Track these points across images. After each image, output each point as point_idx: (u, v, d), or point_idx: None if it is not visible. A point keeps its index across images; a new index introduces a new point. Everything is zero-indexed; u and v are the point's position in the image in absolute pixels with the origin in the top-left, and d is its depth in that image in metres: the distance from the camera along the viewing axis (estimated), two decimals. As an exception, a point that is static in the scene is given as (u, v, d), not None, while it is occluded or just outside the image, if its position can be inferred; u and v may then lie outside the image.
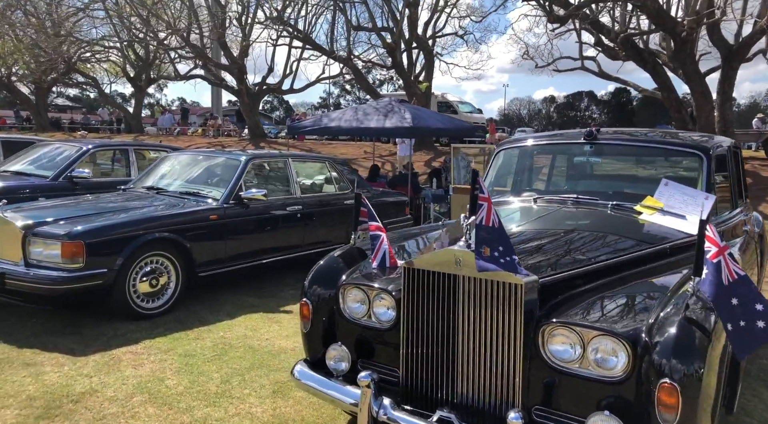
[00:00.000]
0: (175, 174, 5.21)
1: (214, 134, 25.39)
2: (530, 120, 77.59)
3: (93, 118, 35.64)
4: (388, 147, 19.35)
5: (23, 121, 33.48)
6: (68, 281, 3.60)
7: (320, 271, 2.44)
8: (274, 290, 4.95)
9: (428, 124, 9.00)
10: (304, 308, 2.35)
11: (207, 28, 21.86)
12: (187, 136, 25.82)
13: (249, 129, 23.63)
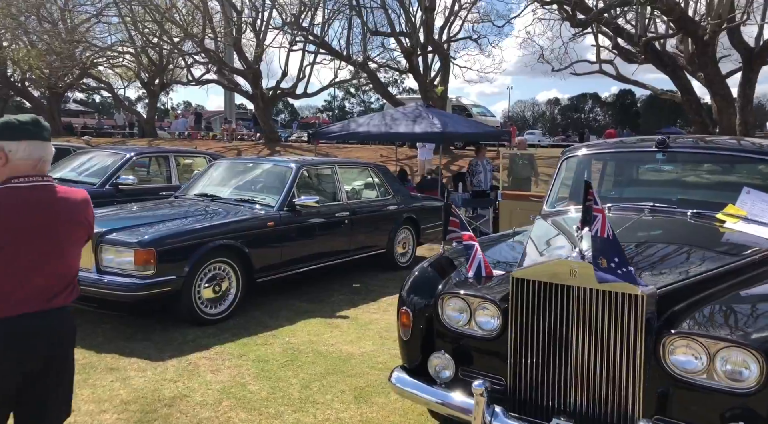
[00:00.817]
0: (225, 181, 5.30)
1: (228, 139, 25.61)
2: (534, 122, 77.51)
3: (106, 123, 35.90)
4: (404, 150, 19.43)
5: (37, 125, 33.87)
6: (141, 288, 3.69)
7: (416, 281, 2.50)
8: (324, 295, 5.03)
9: (457, 129, 9.07)
10: (403, 317, 2.42)
11: (221, 32, 22.14)
12: (201, 140, 26.07)
13: (264, 134, 23.80)
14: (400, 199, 6.11)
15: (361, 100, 77.59)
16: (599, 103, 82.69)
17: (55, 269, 1.74)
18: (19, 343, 1.66)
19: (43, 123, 1.81)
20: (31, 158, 1.71)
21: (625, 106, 78.14)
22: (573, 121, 78.42)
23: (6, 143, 1.69)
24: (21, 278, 1.67)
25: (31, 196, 1.70)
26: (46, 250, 1.71)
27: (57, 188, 1.78)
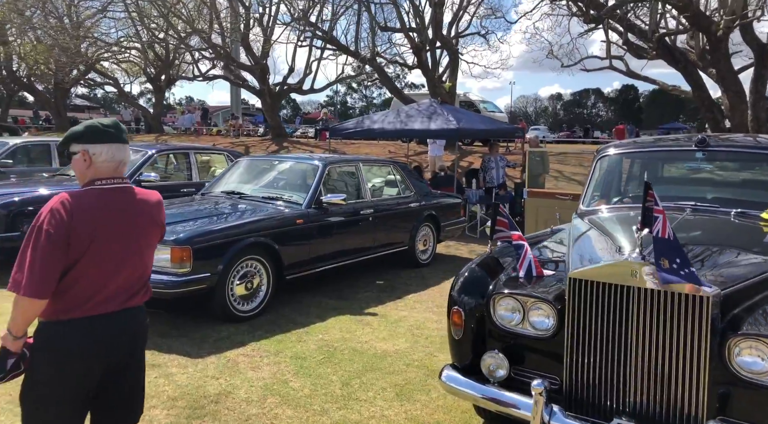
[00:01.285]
0: (250, 179, 5.32)
1: (235, 134, 25.60)
2: (537, 118, 77.25)
3: (112, 118, 35.90)
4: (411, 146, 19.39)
5: (43, 121, 33.83)
6: (177, 285, 3.72)
7: (467, 281, 2.52)
8: (350, 292, 5.05)
9: (473, 125, 9.07)
10: (455, 317, 2.44)
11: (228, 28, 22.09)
12: (209, 136, 26.07)
13: (271, 129, 23.79)
14: (421, 196, 6.13)
15: (363, 96, 77.47)
16: (602, 99, 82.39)
17: (134, 269, 1.77)
18: (100, 343, 1.69)
19: (123, 126, 1.83)
20: (113, 161, 1.74)
21: (627, 102, 77.86)
22: (575, 116, 78.16)
23: (90, 146, 1.72)
24: (104, 279, 1.69)
25: (114, 198, 1.72)
26: (127, 251, 1.73)
27: (136, 190, 1.81)
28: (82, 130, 1.74)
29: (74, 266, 1.63)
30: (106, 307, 1.70)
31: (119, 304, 1.73)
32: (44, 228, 1.59)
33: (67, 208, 1.62)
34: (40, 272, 1.57)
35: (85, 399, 1.70)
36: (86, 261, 1.64)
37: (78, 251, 1.62)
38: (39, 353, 1.65)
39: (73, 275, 1.63)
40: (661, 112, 72.93)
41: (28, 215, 5.27)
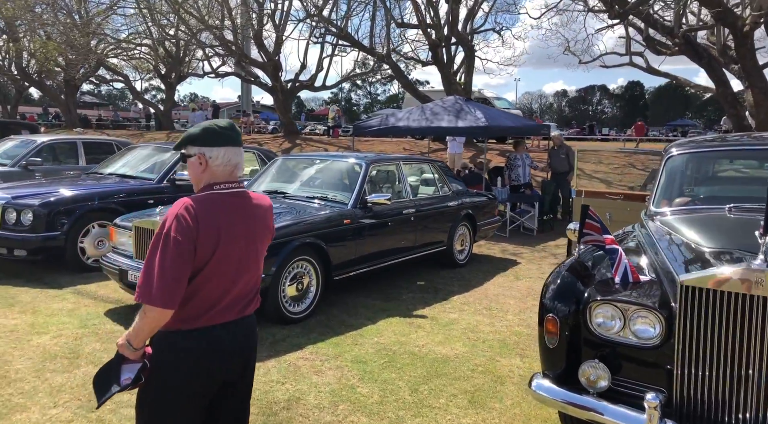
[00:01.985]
0: (291, 178, 5.23)
1: (247, 131, 25.54)
2: (542, 114, 76.72)
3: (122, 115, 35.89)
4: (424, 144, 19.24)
5: (53, 118, 33.87)
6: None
7: (559, 287, 2.41)
8: (394, 293, 4.97)
9: (501, 123, 8.94)
10: (549, 325, 2.34)
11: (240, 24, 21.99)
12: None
13: (283, 126, 23.71)
14: (458, 195, 6.03)
15: (368, 93, 77.16)
16: (607, 95, 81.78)
17: (251, 276, 1.69)
18: (222, 353, 1.62)
19: (238, 128, 1.74)
20: (229, 164, 1.65)
21: (633, 98, 77.28)
22: (581, 113, 77.63)
23: (207, 149, 1.63)
24: (226, 286, 1.62)
25: (234, 203, 1.64)
26: (247, 258, 1.66)
27: (251, 194, 1.72)
28: (198, 132, 1.65)
29: (198, 274, 1.56)
30: (226, 316, 1.63)
31: (237, 313, 1.66)
32: (172, 235, 1.51)
33: (192, 215, 1.54)
34: (170, 281, 1.49)
35: (201, 411, 1.63)
36: (210, 269, 1.57)
37: (202, 258, 1.55)
38: (161, 363, 1.58)
39: (196, 283, 1.56)
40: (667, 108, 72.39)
41: (66, 214, 5.21)
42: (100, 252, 5.46)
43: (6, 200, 5.17)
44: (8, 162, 7.67)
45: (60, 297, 4.55)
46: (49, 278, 5.11)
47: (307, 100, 69.85)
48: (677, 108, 73.54)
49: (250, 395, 1.78)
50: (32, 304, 4.33)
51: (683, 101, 75.83)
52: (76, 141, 8.47)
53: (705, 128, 42.29)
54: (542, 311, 2.39)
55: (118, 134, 24.93)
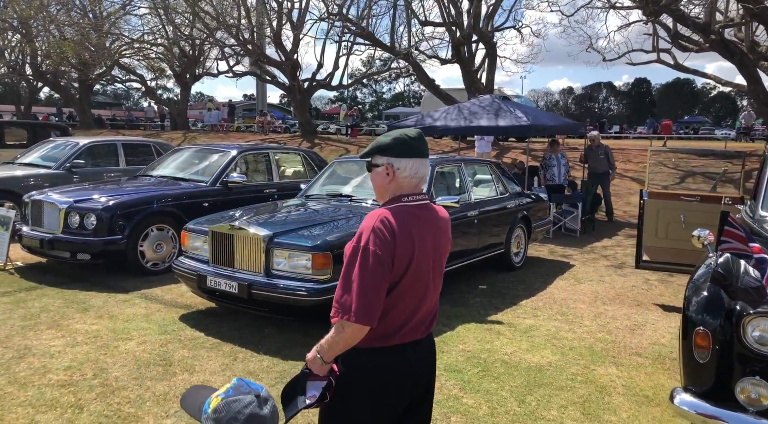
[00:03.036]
0: (350, 180, 5.16)
1: (264, 130, 25.53)
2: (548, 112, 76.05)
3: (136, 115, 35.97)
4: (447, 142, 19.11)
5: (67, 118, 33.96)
6: (319, 293, 3.58)
7: (706, 299, 2.34)
8: (460, 297, 4.90)
9: (542, 122, 8.82)
10: (699, 338, 2.26)
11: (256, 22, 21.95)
12: (238, 133, 26.04)
13: (300, 125, 23.68)
14: (516, 196, 5.94)
15: (373, 91, 76.94)
16: (614, 93, 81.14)
17: (436, 292, 1.63)
18: (412, 372, 1.56)
19: (425, 138, 1.67)
20: (416, 177, 1.59)
21: (640, 95, 76.58)
22: (587, 110, 77.05)
23: (395, 160, 1.57)
24: (417, 303, 1.56)
25: (423, 216, 1.58)
26: (435, 272, 1.59)
27: (434, 207, 1.66)
28: (389, 142, 1.58)
29: (392, 290, 1.49)
30: (415, 333, 1.57)
31: (424, 331, 1.60)
32: (371, 249, 1.45)
33: (388, 227, 1.48)
34: (371, 297, 1.43)
35: None
36: (404, 285, 1.51)
37: (397, 273, 1.49)
38: (352, 381, 1.52)
39: (391, 299, 1.50)
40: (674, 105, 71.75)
41: (127, 218, 5.18)
42: (159, 255, 5.44)
43: (68, 204, 5.15)
44: (52, 165, 7.67)
45: (130, 302, 4.51)
46: (112, 281, 5.08)
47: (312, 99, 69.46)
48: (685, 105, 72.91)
49: (431, 414, 1.72)
50: (105, 309, 4.30)
51: (691, 98, 75.17)
52: (116, 143, 8.45)
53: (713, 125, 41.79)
54: (689, 324, 2.31)
55: (136, 134, 25.05)
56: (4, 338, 3.64)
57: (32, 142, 11.19)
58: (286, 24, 20.72)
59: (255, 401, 1.09)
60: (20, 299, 4.46)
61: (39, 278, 5.13)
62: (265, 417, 1.07)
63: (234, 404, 1.07)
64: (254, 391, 1.11)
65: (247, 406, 1.07)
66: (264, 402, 1.10)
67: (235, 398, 1.08)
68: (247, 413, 1.06)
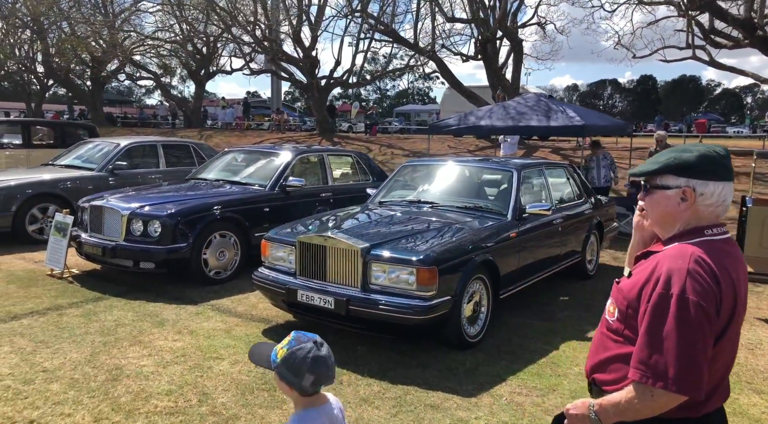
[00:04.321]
0: (435, 186, 4.89)
1: (282, 128, 25.27)
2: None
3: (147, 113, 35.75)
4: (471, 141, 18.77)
5: (78, 116, 33.80)
6: (424, 311, 3.32)
7: None
8: (545, 311, 4.63)
9: (595, 122, 8.54)
10: None
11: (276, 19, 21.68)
12: (254, 131, 25.78)
13: (318, 124, 23.43)
14: (590, 200, 5.67)
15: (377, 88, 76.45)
16: (619, 90, 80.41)
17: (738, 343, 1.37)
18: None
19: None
20: (723, 205, 1.31)
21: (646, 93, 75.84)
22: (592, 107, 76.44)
23: (700, 183, 1.30)
24: (729, 362, 1.30)
25: (734, 254, 1.31)
26: (742, 321, 1.33)
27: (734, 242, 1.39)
28: (693, 159, 1.31)
29: (713, 347, 1.23)
30: (722, 398, 1.31)
31: (728, 394, 1.34)
32: (691, 299, 1.19)
33: (708, 271, 1.22)
34: (697, 361, 1.18)
35: None
36: (725, 339, 1.25)
37: (720, 326, 1.23)
38: None
39: None
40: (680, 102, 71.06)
41: (191, 224, 4.94)
42: (222, 263, 5.20)
43: (131, 210, 4.91)
44: (94, 166, 7.44)
45: (203, 315, 4.28)
46: (176, 291, 4.85)
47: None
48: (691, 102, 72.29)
49: None
50: (181, 323, 4.06)
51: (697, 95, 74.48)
52: (156, 144, 8.22)
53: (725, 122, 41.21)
54: None
55: (149, 132, 24.85)
56: (89, 356, 3.41)
57: (60, 142, 11.01)
58: (306, 21, 20.43)
59: (314, 346, 1.37)
60: (90, 312, 4.24)
61: (100, 287, 4.90)
62: (326, 356, 1.37)
63: (299, 352, 1.35)
64: (311, 339, 1.39)
65: (310, 351, 1.35)
66: (321, 345, 1.38)
67: (299, 347, 1.36)
68: (311, 356, 1.35)
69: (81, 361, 3.34)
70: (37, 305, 4.34)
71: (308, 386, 1.36)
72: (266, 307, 4.48)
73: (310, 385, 1.36)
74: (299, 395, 1.39)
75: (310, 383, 1.36)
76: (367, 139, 21.21)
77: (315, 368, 1.35)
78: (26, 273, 5.28)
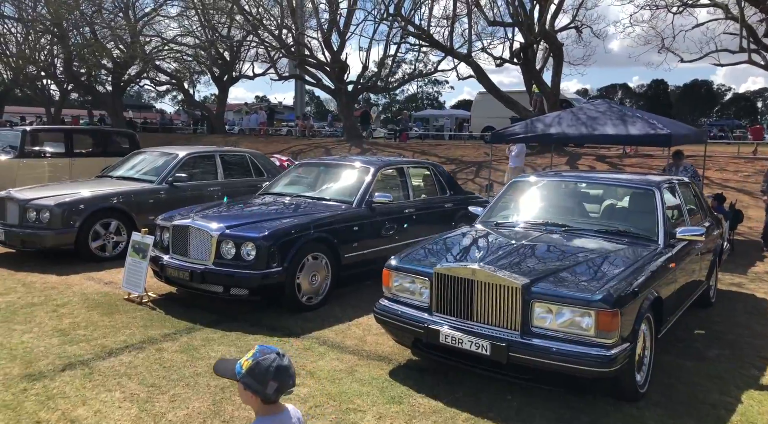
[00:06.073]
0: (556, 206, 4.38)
1: (307, 134, 24.91)
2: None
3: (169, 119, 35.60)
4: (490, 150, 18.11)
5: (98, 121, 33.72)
6: (608, 363, 2.81)
7: None
8: (687, 348, 4.12)
9: (678, 130, 8.00)
10: None
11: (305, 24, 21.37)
12: (279, 137, 25.45)
13: (346, 130, 23.05)
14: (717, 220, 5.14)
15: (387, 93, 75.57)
16: (629, 94, 79.30)
17: None
18: None
19: None
20: None
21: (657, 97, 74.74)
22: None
23: None
24: None
25: None
26: None
27: None
28: None
29: None
30: None
31: None
32: None
33: None
34: None
35: None
36: None
37: None
38: None
39: None
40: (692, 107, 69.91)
41: (286, 247, 4.49)
42: (314, 288, 4.76)
43: (221, 231, 4.47)
44: (153, 179, 7.05)
45: (312, 351, 3.81)
46: (271, 320, 4.40)
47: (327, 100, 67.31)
48: (703, 107, 71.20)
49: None
50: (294, 362, 3.58)
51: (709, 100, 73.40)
52: (214, 154, 7.81)
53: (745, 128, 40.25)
54: None
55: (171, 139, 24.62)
56: (213, 406, 2.95)
57: (101, 150, 10.69)
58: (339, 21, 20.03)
59: (277, 356, 1.54)
60: (188, 346, 3.79)
61: (187, 314, 4.46)
62: (288, 366, 1.55)
63: (263, 361, 1.53)
64: (275, 350, 1.56)
65: (274, 361, 1.53)
66: (283, 356, 1.56)
67: (263, 357, 1.53)
68: (275, 365, 1.52)
69: (206, 412, 2.89)
70: (129, 338, 3.91)
71: (272, 393, 1.51)
72: (375, 341, 4.02)
73: (273, 392, 1.51)
74: (262, 402, 1.53)
75: (273, 391, 1.51)
76: (398, 146, 20.77)
77: (278, 376, 1.51)
78: (102, 297, 4.87)
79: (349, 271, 5.08)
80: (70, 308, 4.52)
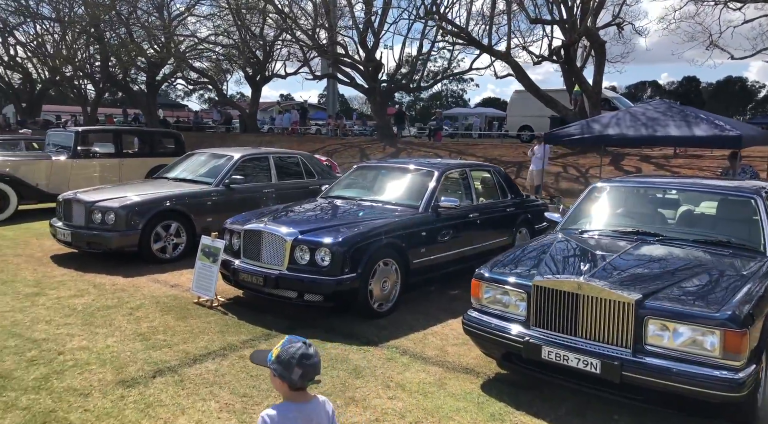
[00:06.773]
0: (645, 213, 4.18)
1: (341, 134, 24.93)
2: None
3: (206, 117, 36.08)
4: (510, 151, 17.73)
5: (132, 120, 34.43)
6: (735, 387, 2.61)
7: None
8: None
9: (747, 132, 7.63)
10: None
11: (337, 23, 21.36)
12: (313, 136, 25.55)
13: (378, 129, 22.98)
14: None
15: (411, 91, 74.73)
16: (660, 91, 76.81)
17: None
18: None
19: None
20: None
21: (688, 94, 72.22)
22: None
23: None
24: None
25: None
26: None
27: None
28: None
29: None
30: None
31: None
32: None
33: None
34: None
35: None
36: None
37: None
38: None
39: None
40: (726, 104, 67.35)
41: (360, 253, 4.41)
42: (385, 294, 4.66)
43: (294, 236, 4.42)
44: (210, 180, 7.07)
45: (395, 361, 3.72)
46: (345, 328, 4.32)
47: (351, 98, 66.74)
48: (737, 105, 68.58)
49: None
50: (380, 372, 3.50)
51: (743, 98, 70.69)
52: (267, 155, 7.81)
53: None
54: None
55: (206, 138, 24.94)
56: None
57: (148, 150, 10.85)
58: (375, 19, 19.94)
59: (303, 345, 1.70)
60: (270, 355, 3.75)
61: (260, 320, 4.43)
62: (312, 354, 1.70)
63: (290, 349, 1.69)
64: (302, 340, 1.72)
65: (299, 349, 1.69)
66: (309, 346, 1.71)
67: (290, 346, 1.70)
68: (300, 353, 1.68)
69: (305, 428, 2.83)
70: (209, 344, 3.88)
71: (297, 379, 1.65)
72: (457, 352, 3.90)
73: (299, 378, 1.65)
74: (289, 388, 1.68)
75: (298, 377, 1.65)
76: (432, 145, 20.56)
77: (302, 363, 1.65)
78: (172, 300, 4.88)
79: (416, 277, 4.97)
80: (144, 312, 4.54)
